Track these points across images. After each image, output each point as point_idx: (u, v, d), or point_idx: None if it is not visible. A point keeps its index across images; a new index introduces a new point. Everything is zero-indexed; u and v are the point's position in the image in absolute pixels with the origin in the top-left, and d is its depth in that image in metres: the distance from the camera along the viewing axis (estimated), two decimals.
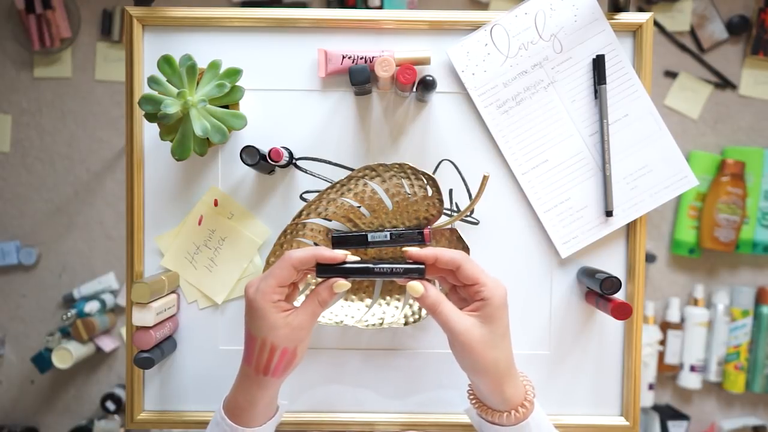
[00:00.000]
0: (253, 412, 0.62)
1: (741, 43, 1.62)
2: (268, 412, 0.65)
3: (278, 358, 0.59)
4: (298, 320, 0.59)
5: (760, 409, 1.64)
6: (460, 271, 0.60)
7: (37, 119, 1.62)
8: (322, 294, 0.60)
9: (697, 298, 1.59)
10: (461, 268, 0.60)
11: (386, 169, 0.70)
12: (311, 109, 0.76)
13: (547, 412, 0.78)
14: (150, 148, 0.77)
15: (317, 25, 0.75)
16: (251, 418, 0.63)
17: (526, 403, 0.61)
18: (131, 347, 0.75)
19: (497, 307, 0.60)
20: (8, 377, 1.64)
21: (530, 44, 0.75)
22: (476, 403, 0.64)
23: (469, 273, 0.60)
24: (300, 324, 0.59)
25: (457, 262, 0.60)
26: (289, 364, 0.61)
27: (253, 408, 0.62)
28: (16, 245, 1.60)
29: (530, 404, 0.61)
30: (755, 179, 1.57)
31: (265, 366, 0.60)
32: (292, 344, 0.59)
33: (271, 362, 0.60)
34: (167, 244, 0.77)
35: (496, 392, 0.60)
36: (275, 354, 0.59)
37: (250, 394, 0.62)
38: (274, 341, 0.59)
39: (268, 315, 0.59)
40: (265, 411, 0.64)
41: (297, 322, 0.59)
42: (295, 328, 0.59)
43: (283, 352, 0.59)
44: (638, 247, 0.76)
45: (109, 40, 1.61)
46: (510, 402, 0.61)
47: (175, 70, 0.68)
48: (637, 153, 0.76)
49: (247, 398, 0.62)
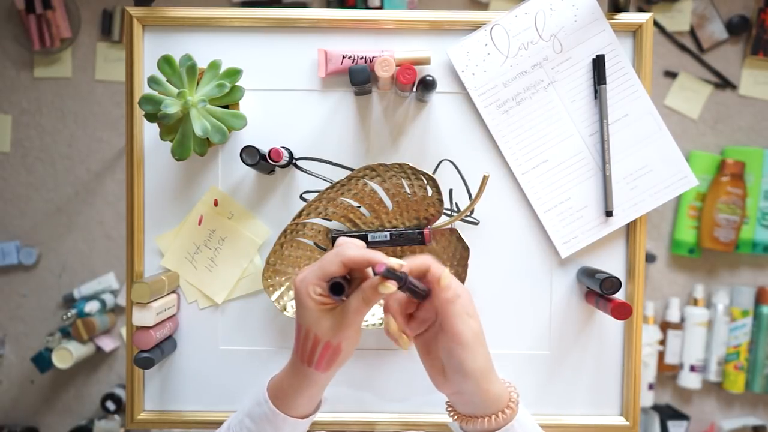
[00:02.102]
0: (296, 401, 0.61)
1: (741, 43, 1.62)
2: (310, 405, 0.63)
3: (321, 351, 0.58)
4: (342, 316, 0.58)
5: (759, 409, 1.64)
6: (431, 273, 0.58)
7: (37, 119, 1.62)
8: (367, 292, 0.57)
9: (697, 298, 1.59)
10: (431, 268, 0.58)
11: (386, 169, 0.70)
12: (311, 109, 0.76)
13: (547, 412, 0.78)
14: (150, 148, 0.77)
15: (317, 25, 0.75)
16: (293, 407, 0.61)
17: (511, 403, 0.59)
18: (131, 347, 0.75)
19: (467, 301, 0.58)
20: (8, 377, 1.64)
21: (530, 44, 0.75)
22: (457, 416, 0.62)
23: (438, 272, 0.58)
24: (344, 320, 0.58)
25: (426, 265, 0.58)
26: (333, 359, 0.59)
27: (297, 397, 0.61)
28: (16, 245, 1.60)
29: (515, 404, 0.59)
30: (755, 179, 1.57)
31: (309, 357, 0.59)
32: (335, 339, 0.58)
33: (314, 354, 0.58)
34: (167, 244, 0.77)
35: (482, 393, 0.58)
36: (318, 347, 0.58)
37: (296, 382, 0.61)
38: (318, 333, 0.58)
39: (310, 306, 0.58)
40: (307, 403, 0.62)
41: (340, 318, 0.58)
42: (337, 323, 0.58)
43: (326, 346, 0.58)
44: (638, 247, 0.76)
45: (109, 40, 1.61)
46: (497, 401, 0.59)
47: (175, 70, 0.68)
48: (637, 153, 0.76)
49: (293, 385, 0.61)
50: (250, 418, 0.62)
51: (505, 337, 0.77)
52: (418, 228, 0.73)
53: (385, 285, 0.55)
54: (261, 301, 0.77)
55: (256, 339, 0.78)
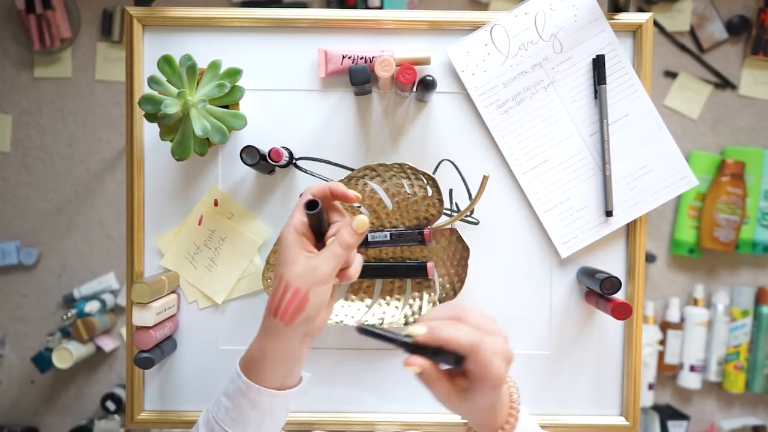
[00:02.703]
0: (267, 366, 0.59)
1: (741, 43, 1.62)
2: (284, 374, 0.61)
3: (289, 297, 0.57)
4: (317, 261, 0.58)
5: (759, 409, 1.64)
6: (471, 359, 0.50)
7: (37, 119, 1.62)
8: (343, 233, 0.58)
9: (697, 298, 1.59)
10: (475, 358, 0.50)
11: (386, 169, 0.70)
12: (311, 109, 0.76)
13: (547, 412, 0.78)
14: (150, 148, 0.77)
15: (317, 25, 0.75)
16: (265, 376, 0.60)
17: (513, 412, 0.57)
18: (131, 347, 0.75)
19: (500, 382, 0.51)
20: (8, 377, 1.64)
21: (530, 44, 0.75)
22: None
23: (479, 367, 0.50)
24: (317, 265, 0.57)
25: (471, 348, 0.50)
26: (299, 309, 0.57)
27: (264, 360, 0.59)
28: (16, 245, 1.60)
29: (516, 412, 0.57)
30: (755, 179, 1.57)
31: (277, 305, 0.58)
32: (305, 285, 0.57)
33: (282, 301, 0.57)
34: (167, 244, 0.77)
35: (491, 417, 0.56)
36: (288, 292, 0.57)
37: (264, 345, 0.60)
38: (289, 278, 0.57)
39: (290, 247, 0.58)
40: (279, 370, 0.60)
41: (315, 263, 0.58)
42: (312, 267, 0.57)
43: (295, 292, 0.57)
44: (638, 247, 0.76)
45: (109, 40, 1.61)
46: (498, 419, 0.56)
47: (175, 70, 0.68)
48: (637, 153, 0.76)
49: (260, 349, 0.60)
50: (226, 395, 0.61)
51: None
52: (418, 228, 0.73)
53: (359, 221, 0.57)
54: (261, 301, 0.77)
55: None
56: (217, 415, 0.61)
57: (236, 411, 0.60)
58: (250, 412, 0.60)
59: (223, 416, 0.61)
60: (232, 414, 0.61)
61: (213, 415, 0.62)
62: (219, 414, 0.61)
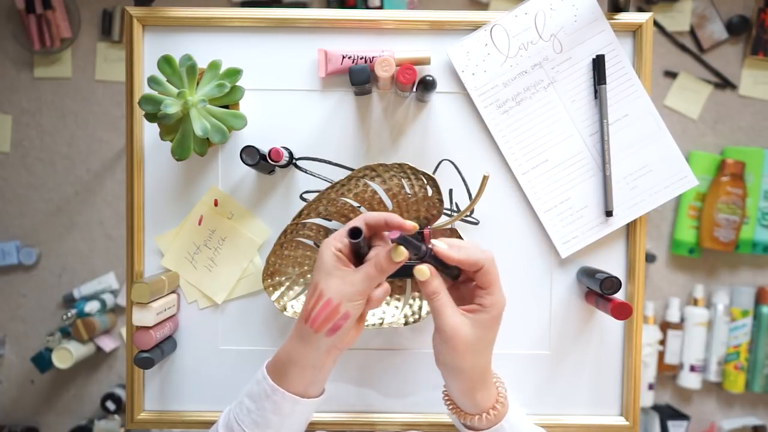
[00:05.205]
0: (290, 369, 0.60)
1: (741, 43, 1.62)
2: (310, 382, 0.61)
3: (321, 306, 0.58)
4: (352, 278, 0.59)
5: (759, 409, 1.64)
6: (481, 273, 0.59)
7: (37, 119, 1.62)
8: (379, 257, 0.59)
9: (697, 298, 1.59)
10: (484, 270, 0.59)
11: (386, 169, 0.70)
12: (311, 109, 0.76)
13: (547, 412, 0.78)
14: (150, 148, 0.77)
15: (317, 25, 0.75)
16: (291, 381, 0.60)
17: (497, 405, 0.61)
18: (131, 347, 0.75)
19: (493, 317, 0.60)
20: (8, 377, 1.64)
21: (530, 44, 0.75)
22: (450, 405, 0.64)
23: (487, 278, 0.59)
24: (352, 281, 0.59)
25: (481, 264, 0.59)
26: (329, 319, 0.58)
27: (290, 364, 0.60)
28: (16, 245, 1.60)
29: (502, 406, 0.61)
30: (755, 179, 1.57)
31: (309, 312, 0.59)
32: (337, 298, 0.58)
33: (314, 309, 0.59)
34: (167, 244, 0.77)
35: (467, 395, 0.61)
36: (320, 302, 0.59)
37: (293, 349, 0.60)
38: (323, 288, 0.59)
39: (327, 260, 0.59)
40: (306, 377, 0.61)
41: (350, 278, 0.59)
42: (346, 282, 0.59)
43: (327, 302, 0.58)
44: (638, 247, 0.76)
45: (109, 40, 1.61)
46: (480, 406, 0.61)
47: (175, 70, 0.68)
48: (637, 153, 0.76)
49: (289, 353, 0.61)
50: (249, 397, 0.62)
51: (505, 337, 0.77)
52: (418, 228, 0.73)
53: (397, 251, 0.58)
54: (261, 301, 0.77)
55: (256, 339, 0.78)
56: (239, 416, 0.62)
57: (258, 413, 0.61)
58: (271, 416, 0.60)
59: (244, 417, 0.61)
60: (253, 416, 0.61)
61: (235, 416, 0.62)
62: (240, 415, 0.62)
